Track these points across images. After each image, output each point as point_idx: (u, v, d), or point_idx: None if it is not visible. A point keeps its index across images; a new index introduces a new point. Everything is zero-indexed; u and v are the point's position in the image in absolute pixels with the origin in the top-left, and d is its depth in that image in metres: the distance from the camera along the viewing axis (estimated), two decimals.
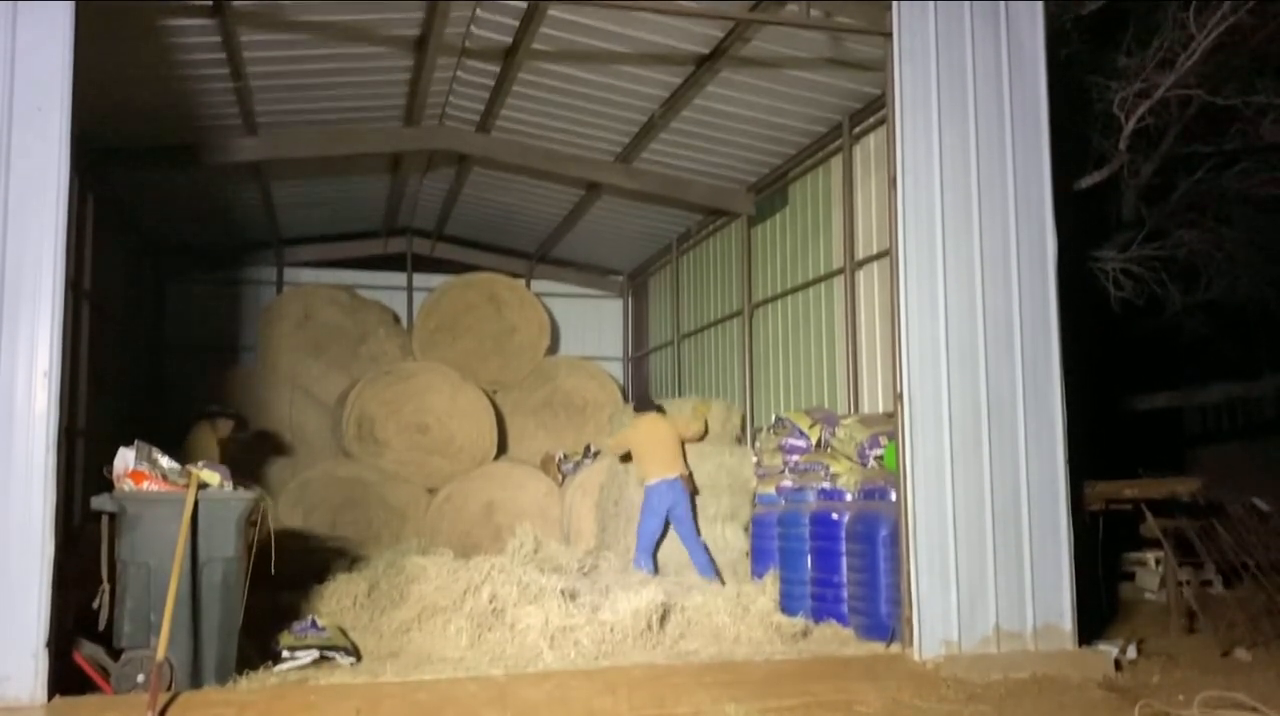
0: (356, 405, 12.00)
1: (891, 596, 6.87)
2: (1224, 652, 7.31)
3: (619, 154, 11.24)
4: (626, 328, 16.65)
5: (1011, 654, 6.29)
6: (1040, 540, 6.49)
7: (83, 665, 5.51)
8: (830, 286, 10.09)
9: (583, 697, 5.38)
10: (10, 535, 5.13)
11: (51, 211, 5.35)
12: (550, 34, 8.68)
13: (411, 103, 10.27)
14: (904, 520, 6.40)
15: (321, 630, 6.85)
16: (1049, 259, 6.80)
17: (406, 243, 15.60)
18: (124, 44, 7.85)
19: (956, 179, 6.69)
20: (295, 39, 8.62)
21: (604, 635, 6.74)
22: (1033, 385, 6.63)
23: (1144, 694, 5.77)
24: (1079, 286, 10.41)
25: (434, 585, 7.42)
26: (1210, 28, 9.90)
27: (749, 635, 7.21)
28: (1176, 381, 15.05)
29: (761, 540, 8.86)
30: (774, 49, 8.53)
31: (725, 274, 12.72)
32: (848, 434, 8.45)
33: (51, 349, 5.30)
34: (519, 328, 13.97)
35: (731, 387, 12.30)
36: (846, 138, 9.64)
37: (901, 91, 6.65)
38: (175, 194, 11.87)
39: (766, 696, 5.45)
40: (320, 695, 5.44)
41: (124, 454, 5.82)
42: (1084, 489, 8.24)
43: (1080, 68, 10.82)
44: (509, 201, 13.55)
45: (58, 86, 5.40)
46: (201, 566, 5.72)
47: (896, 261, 6.58)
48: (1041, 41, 6.94)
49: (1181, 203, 12.47)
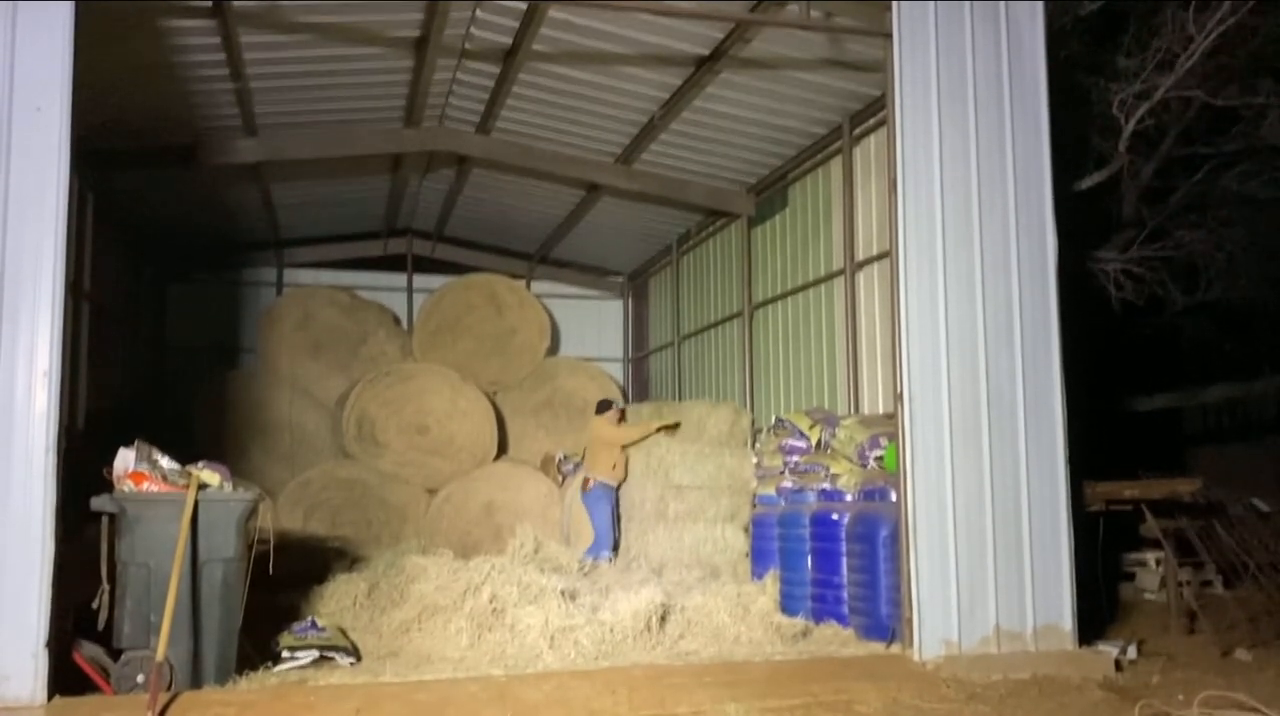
0: (356, 406, 12.00)
1: (892, 597, 6.87)
2: (1224, 653, 7.31)
3: (619, 155, 11.24)
4: (627, 329, 16.66)
5: (1012, 654, 6.29)
6: (1040, 540, 6.49)
7: (83, 665, 5.51)
8: (830, 287, 10.09)
9: (583, 698, 5.37)
10: (10, 535, 5.13)
11: (51, 211, 5.35)
12: (550, 35, 8.69)
13: (411, 104, 10.28)
14: (904, 521, 6.40)
15: (321, 630, 6.84)
16: (1049, 260, 6.80)
17: (407, 244, 15.61)
18: (124, 44, 7.85)
19: (956, 180, 6.69)
20: (295, 40, 8.62)
21: (604, 635, 6.74)
22: (1033, 386, 6.63)
23: (1144, 694, 5.77)
24: (1079, 287, 10.42)
25: (434, 585, 7.42)
26: (1210, 29, 9.91)
27: (749, 635, 7.21)
28: (1177, 382, 15.05)
29: (762, 541, 8.86)
30: (774, 50, 8.53)
31: (725, 275, 12.72)
32: (848, 435, 8.45)
33: (51, 349, 5.30)
34: (519, 329, 13.98)
35: (732, 389, 12.30)
36: (846, 139, 9.64)
37: (901, 92, 6.65)
38: (175, 195, 11.87)
39: (767, 696, 5.45)
40: (320, 695, 5.44)
41: (124, 454, 5.81)
42: (1084, 489, 8.23)
43: (1080, 68, 10.83)
44: (509, 202, 13.55)
45: (58, 86, 5.40)
46: (201, 567, 5.72)
47: (897, 262, 6.57)
48: (1041, 42, 6.94)
49: (1182, 203, 12.48)
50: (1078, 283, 10.16)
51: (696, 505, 9.55)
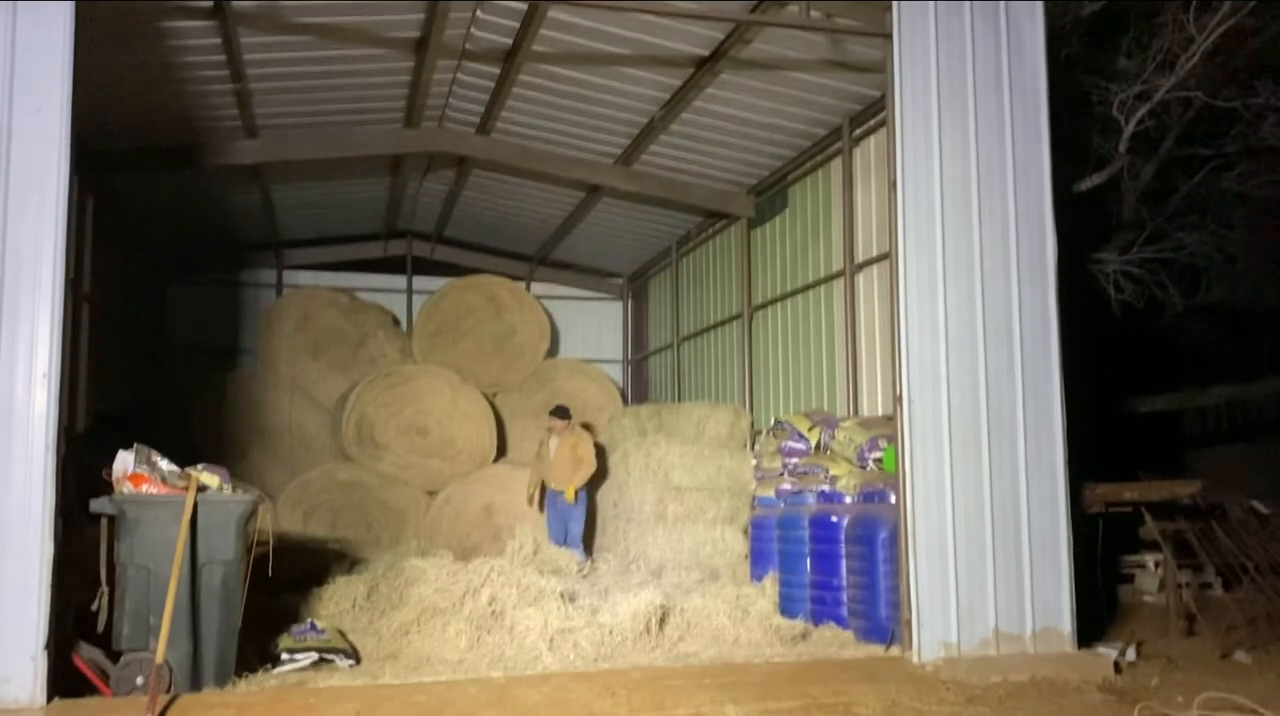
0: (356, 408, 12.00)
1: (891, 599, 6.87)
2: (1223, 655, 7.31)
3: (619, 156, 11.24)
4: (626, 330, 16.65)
5: (1011, 656, 6.28)
6: (1040, 542, 6.48)
7: (82, 667, 5.50)
8: (830, 289, 10.09)
9: (582, 700, 5.37)
10: (9, 536, 5.12)
11: (51, 212, 5.34)
12: (550, 36, 8.69)
13: (411, 105, 10.28)
14: (903, 523, 6.39)
15: (321, 632, 6.85)
16: (1049, 261, 6.79)
17: (406, 245, 15.61)
18: (124, 44, 7.86)
19: (956, 181, 6.68)
20: (295, 41, 8.62)
21: (603, 637, 6.74)
22: (1032, 387, 6.62)
23: (1143, 696, 5.76)
24: (1079, 288, 10.41)
25: (433, 587, 7.42)
26: (1210, 29, 9.92)
27: (748, 637, 7.20)
28: (1176, 383, 15.04)
29: (761, 543, 8.86)
30: (774, 51, 8.53)
31: (725, 276, 12.72)
32: (847, 436, 8.45)
33: (51, 350, 5.29)
34: (519, 330, 13.99)
35: (731, 390, 12.30)
36: (846, 140, 9.64)
37: (901, 93, 6.64)
38: (175, 196, 11.88)
39: (766, 698, 5.45)
40: (319, 697, 5.43)
41: (123, 456, 5.81)
42: (1083, 491, 8.23)
43: (1080, 69, 10.83)
44: (509, 204, 13.55)
45: (58, 86, 5.39)
46: (201, 569, 5.72)
47: (896, 264, 6.57)
48: (1041, 42, 6.94)
49: (1182, 205, 12.48)
50: (1077, 284, 10.15)
51: (696, 507, 9.55)
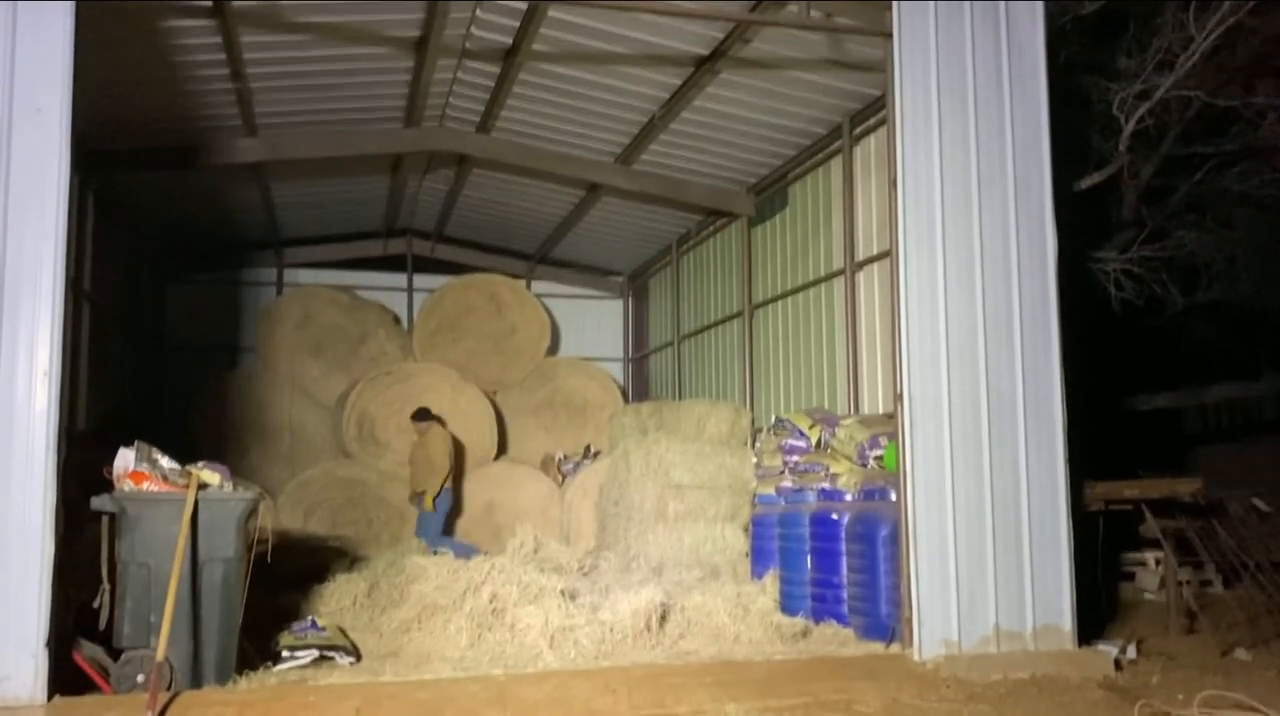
0: (357, 406, 12.01)
1: (891, 596, 6.87)
2: (1223, 653, 7.31)
3: (619, 155, 11.24)
4: (627, 328, 16.66)
5: (1011, 654, 6.29)
6: (1040, 540, 6.48)
7: (83, 665, 5.51)
8: (830, 287, 10.10)
9: (583, 697, 5.38)
10: (10, 535, 5.12)
11: (51, 211, 5.34)
12: (550, 35, 8.69)
13: (411, 104, 10.28)
14: (904, 520, 6.40)
15: (321, 630, 6.85)
16: (1049, 259, 6.79)
17: (406, 243, 15.61)
18: (124, 44, 7.86)
19: (956, 179, 6.68)
20: (295, 40, 8.62)
21: (604, 635, 6.74)
22: (1033, 385, 6.63)
23: (1144, 694, 5.77)
24: (1079, 287, 10.41)
25: (434, 585, 7.43)
26: (1210, 29, 9.91)
27: (749, 635, 7.21)
28: (1177, 382, 15.04)
29: (761, 540, 8.86)
30: (774, 50, 8.53)
31: (725, 275, 12.72)
32: (848, 434, 8.45)
33: (51, 349, 5.29)
34: (519, 328, 14.00)
35: (732, 388, 12.30)
36: (846, 138, 9.64)
37: (901, 92, 6.64)
38: (175, 194, 11.88)
39: (766, 696, 5.45)
40: (320, 695, 5.44)
41: (124, 454, 5.81)
42: (1084, 489, 8.23)
43: (1080, 68, 10.82)
44: (509, 202, 13.55)
45: (58, 86, 5.39)
46: (201, 566, 5.72)
47: (897, 262, 6.57)
48: (1041, 42, 6.94)
49: (1182, 204, 12.47)
50: (1078, 282, 10.16)
51: (696, 505, 9.55)
